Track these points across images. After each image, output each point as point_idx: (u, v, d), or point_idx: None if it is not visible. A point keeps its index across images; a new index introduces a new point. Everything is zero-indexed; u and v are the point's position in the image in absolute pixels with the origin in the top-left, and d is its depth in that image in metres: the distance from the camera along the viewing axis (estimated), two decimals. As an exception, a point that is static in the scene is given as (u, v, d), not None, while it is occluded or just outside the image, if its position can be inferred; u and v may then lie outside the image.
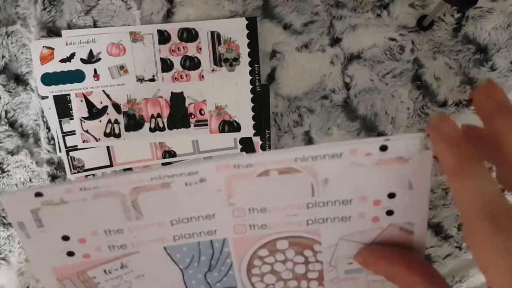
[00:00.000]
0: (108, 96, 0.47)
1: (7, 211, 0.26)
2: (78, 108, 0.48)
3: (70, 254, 0.28)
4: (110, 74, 0.47)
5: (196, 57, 0.47)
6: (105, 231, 0.27)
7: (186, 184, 0.25)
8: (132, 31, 0.47)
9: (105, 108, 0.48)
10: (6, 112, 0.49)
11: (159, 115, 0.48)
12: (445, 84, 0.47)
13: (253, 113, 0.48)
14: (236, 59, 0.47)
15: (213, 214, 0.27)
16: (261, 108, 0.48)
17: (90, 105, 0.48)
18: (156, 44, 0.47)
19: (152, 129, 0.48)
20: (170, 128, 0.48)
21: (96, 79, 0.47)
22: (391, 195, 0.26)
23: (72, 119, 0.48)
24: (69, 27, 0.47)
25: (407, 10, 0.47)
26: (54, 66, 0.47)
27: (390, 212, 0.26)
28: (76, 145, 0.48)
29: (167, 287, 0.31)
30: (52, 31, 0.47)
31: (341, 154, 0.25)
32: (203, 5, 0.47)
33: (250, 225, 0.27)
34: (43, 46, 0.47)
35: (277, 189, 0.26)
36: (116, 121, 0.48)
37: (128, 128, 0.48)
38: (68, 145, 0.48)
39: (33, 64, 0.47)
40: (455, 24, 0.47)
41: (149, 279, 0.30)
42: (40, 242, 0.27)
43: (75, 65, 0.47)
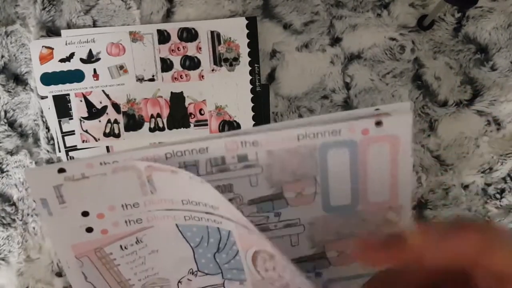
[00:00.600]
0: (108, 96, 0.47)
1: (31, 188, 0.27)
2: (78, 108, 0.47)
3: (89, 230, 0.29)
4: (110, 74, 0.47)
5: (196, 57, 0.47)
6: (122, 206, 0.28)
7: (191, 178, 0.26)
8: (132, 31, 0.47)
9: (105, 108, 0.47)
10: (6, 112, 0.49)
11: (159, 115, 0.48)
12: (446, 84, 0.47)
13: (253, 113, 0.48)
14: (236, 59, 0.47)
15: (218, 207, 0.27)
16: (261, 108, 0.48)
17: (90, 105, 0.47)
18: (156, 44, 0.47)
19: (152, 129, 0.48)
20: (170, 128, 0.48)
21: (96, 79, 0.47)
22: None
23: (72, 119, 0.48)
24: (69, 27, 0.47)
25: (408, 10, 0.47)
26: (54, 66, 0.47)
27: None
28: (76, 145, 0.48)
29: (179, 264, 0.32)
30: (52, 31, 0.47)
31: (340, 131, 0.27)
32: (203, 5, 0.47)
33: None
34: (43, 46, 0.47)
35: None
36: (116, 121, 0.48)
37: (128, 128, 0.48)
38: (68, 145, 0.48)
39: (33, 64, 0.47)
40: (456, 24, 0.47)
41: (162, 255, 0.31)
42: (61, 219, 0.28)
43: (75, 65, 0.47)
